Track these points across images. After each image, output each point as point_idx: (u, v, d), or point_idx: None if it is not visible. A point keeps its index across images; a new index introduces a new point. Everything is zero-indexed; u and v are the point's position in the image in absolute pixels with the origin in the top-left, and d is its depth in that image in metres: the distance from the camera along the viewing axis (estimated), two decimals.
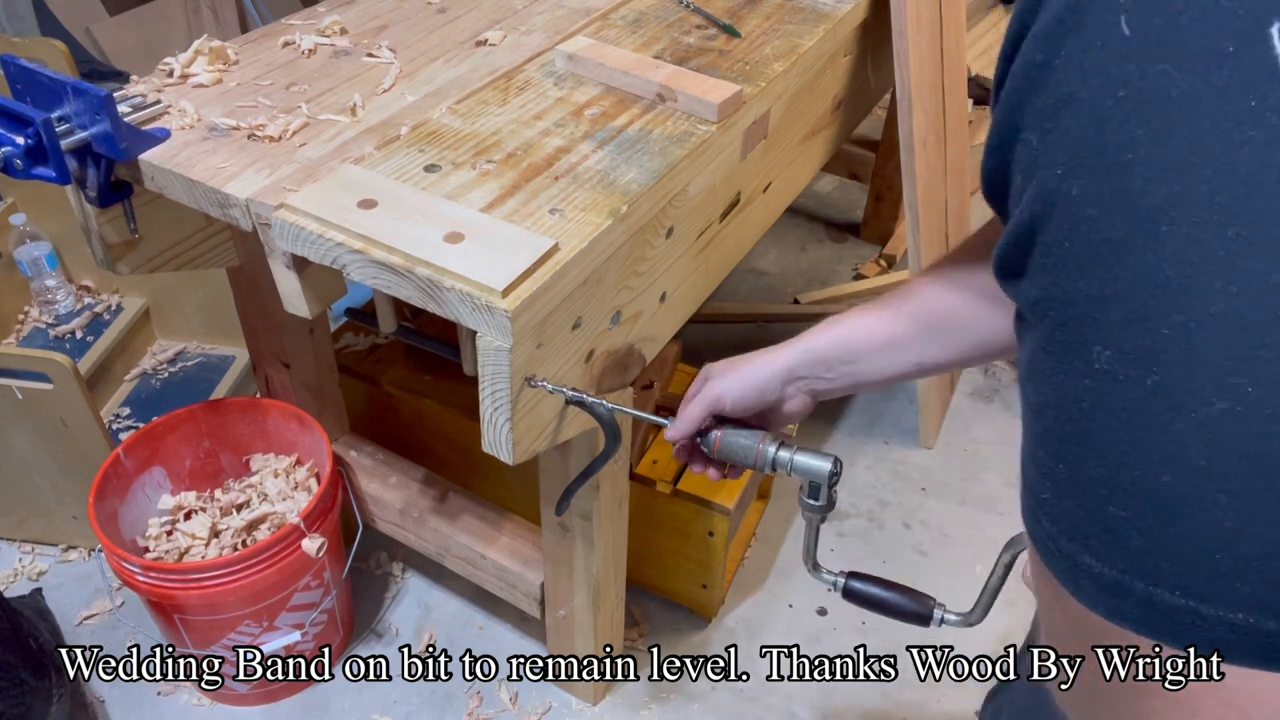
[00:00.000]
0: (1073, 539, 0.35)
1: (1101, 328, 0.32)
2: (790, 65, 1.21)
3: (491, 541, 1.37)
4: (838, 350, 0.75)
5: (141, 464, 1.40)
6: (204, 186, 0.95)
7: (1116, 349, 0.32)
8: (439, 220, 0.88)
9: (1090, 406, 0.33)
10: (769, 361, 0.77)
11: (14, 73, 0.94)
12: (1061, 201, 0.34)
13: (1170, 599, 0.32)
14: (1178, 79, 0.30)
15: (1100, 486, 0.33)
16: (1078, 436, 0.34)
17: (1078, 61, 0.33)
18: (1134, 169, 0.31)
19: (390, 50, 1.19)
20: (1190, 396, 0.30)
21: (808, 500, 0.80)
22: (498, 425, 0.88)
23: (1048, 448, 0.36)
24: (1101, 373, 0.32)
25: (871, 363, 0.75)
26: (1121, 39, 0.32)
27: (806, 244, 2.49)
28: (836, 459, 0.78)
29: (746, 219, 1.29)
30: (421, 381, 1.54)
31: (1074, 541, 0.35)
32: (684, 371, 1.62)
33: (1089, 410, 0.33)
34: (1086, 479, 0.34)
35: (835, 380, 0.76)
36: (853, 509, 1.78)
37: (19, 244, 1.87)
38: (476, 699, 1.46)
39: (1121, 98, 0.31)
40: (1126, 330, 0.32)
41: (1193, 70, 0.30)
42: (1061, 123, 0.34)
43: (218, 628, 1.29)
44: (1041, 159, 0.35)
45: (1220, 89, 0.29)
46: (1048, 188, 0.34)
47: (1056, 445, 0.35)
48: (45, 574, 1.62)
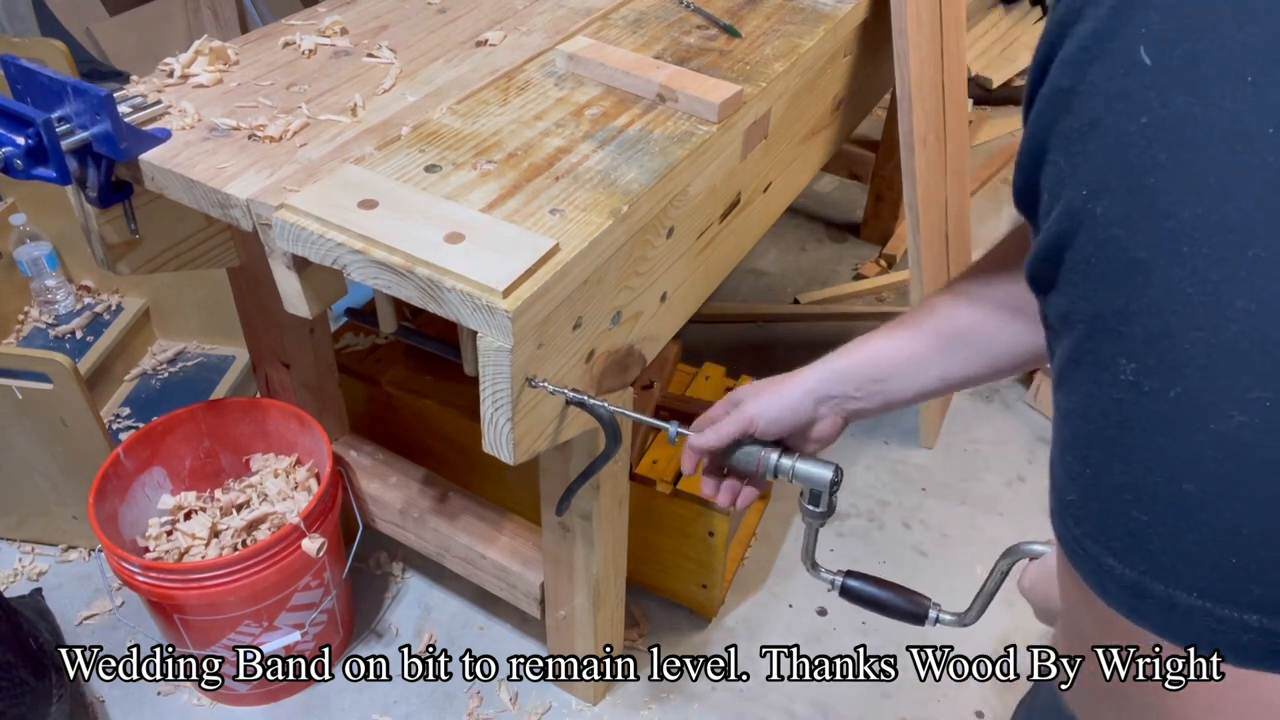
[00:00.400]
0: (1097, 540, 0.36)
1: (1127, 341, 0.34)
2: (790, 65, 1.21)
3: (491, 541, 1.37)
4: (865, 369, 0.77)
5: (141, 464, 1.40)
6: (204, 187, 0.95)
7: (1141, 362, 0.33)
8: (439, 220, 0.88)
9: (1116, 416, 0.35)
10: (800, 381, 0.78)
11: (14, 73, 0.94)
12: (1087, 221, 0.35)
13: (1189, 600, 0.33)
14: (1198, 107, 0.32)
15: (1124, 492, 0.35)
16: (1104, 443, 0.35)
17: (1102, 88, 0.35)
18: (1157, 192, 0.32)
19: (390, 50, 1.19)
20: (1211, 410, 0.32)
21: (808, 506, 0.81)
22: (498, 425, 0.88)
23: (1075, 453, 0.37)
24: (1127, 384, 0.34)
25: (898, 381, 0.76)
26: (1143, 68, 0.33)
27: (806, 244, 2.49)
28: (837, 467, 0.79)
29: (746, 219, 1.29)
30: (421, 381, 1.54)
31: (1098, 543, 0.36)
32: (684, 371, 1.62)
33: (1115, 420, 0.35)
34: (1111, 484, 0.35)
35: (865, 400, 0.78)
36: (853, 509, 1.78)
37: (19, 244, 1.87)
38: (476, 699, 1.46)
39: (1144, 124, 0.33)
40: (1150, 345, 0.33)
41: (1212, 99, 0.31)
42: (1087, 146, 0.35)
43: (218, 628, 1.29)
44: (1068, 179, 0.36)
45: (1239, 116, 0.31)
46: (1074, 207, 0.36)
47: (1084, 451, 0.37)
48: (45, 574, 1.62)
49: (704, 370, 1.62)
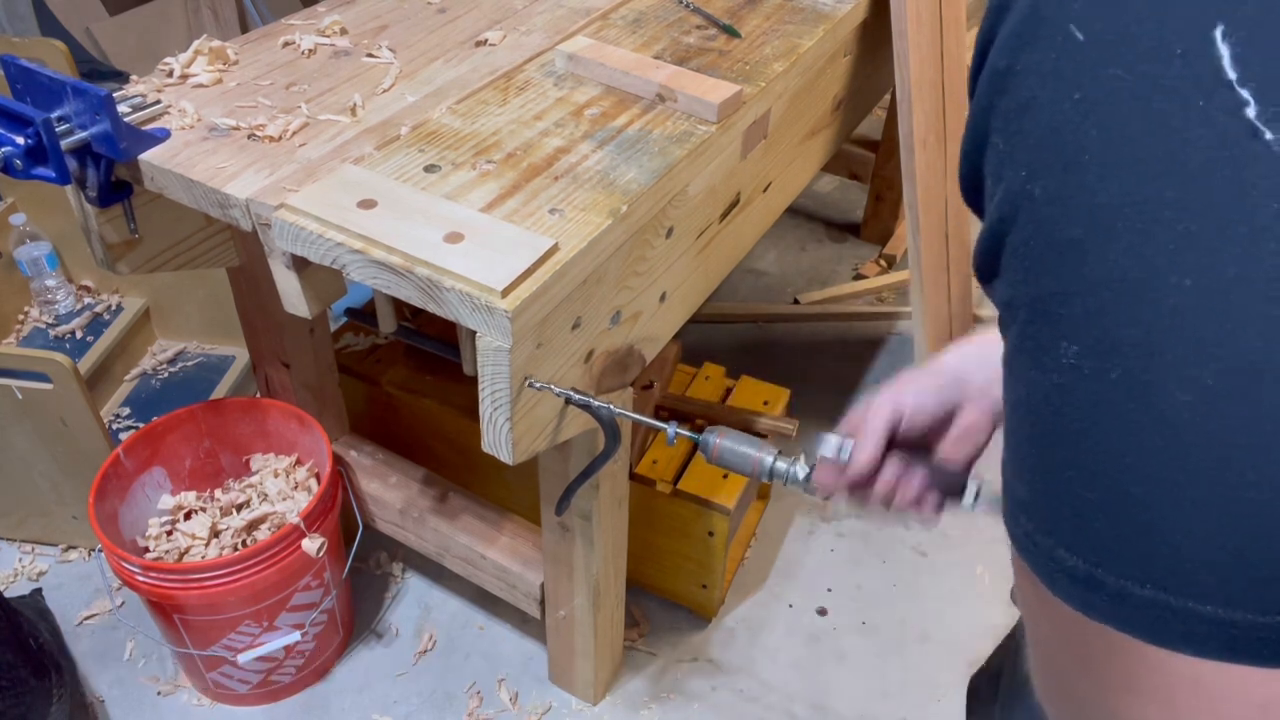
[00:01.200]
0: (1048, 534, 0.36)
1: (1066, 324, 0.33)
2: (790, 65, 1.21)
3: (491, 541, 1.37)
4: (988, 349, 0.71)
5: (141, 464, 1.40)
6: (204, 186, 0.95)
7: (1081, 344, 0.33)
8: (439, 220, 0.88)
9: (1059, 401, 0.34)
10: (933, 363, 0.72)
11: (14, 73, 0.94)
12: (1026, 203, 0.35)
13: (1140, 591, 0.33)
14: (1128, 81, 0.31)
15: (1072, 480, 0.34)
16: (1049, 431, 0.35)
17: (1036, 66, 0.34)
18: (1089, 169, 0.32)
19: (390, 50, 1.19)
20: (1151, 389, 0.31)
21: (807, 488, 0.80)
22: (498, 425, 0.88)
23: (1022, 445, 0.37)
24: (1068, 367, 0.33)
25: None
26: (1076, 44, 0.33)
27: (806, 244, 2.49)
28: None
29: (746, 219, 1.29)
30: (421, 381, 1.54)
31: (1049, 536, 0.36)
32: (684, 371, 1.62)
33: (1058, 405, 0.34)
34: (1058, 472, 0.35)
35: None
36: (853, 509, 1.78)
37: (19, 244, 1.87)
38: (476, 699, 1.46)
39: (1077, 100, 0.33)
40: (1089, 325, 0.33)
41: (1142, 72, 0.31)
42: (1024, 126, 0.35)
43: (218, 628, 1.29)
44: (1008, 161, 0.36)
45: (1169, 90, 0.31)
46: (1013, 189, 0.35)
47: (1030, 441, 0.36)
48: (45, 574, 1.62)
49: (704, 370, 1.62)
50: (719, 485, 1.43)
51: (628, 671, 1.51)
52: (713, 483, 1.44)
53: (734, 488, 1.43)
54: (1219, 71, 0.30)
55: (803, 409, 1.70)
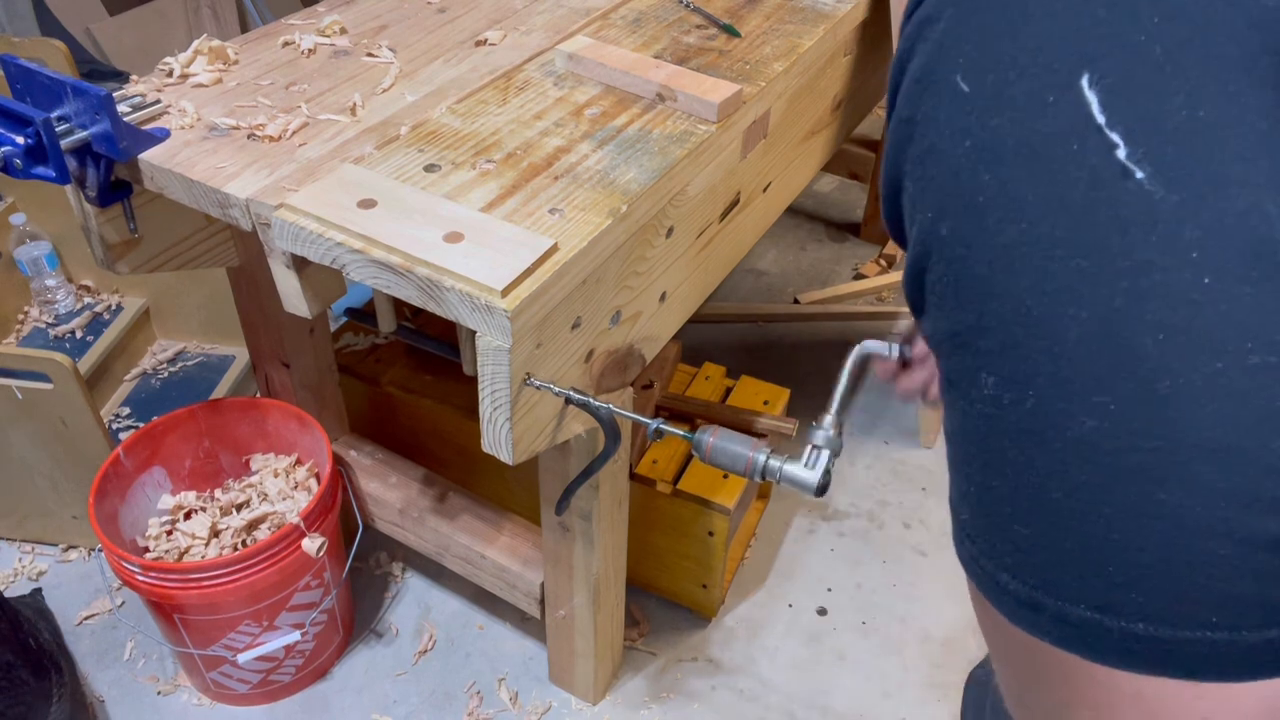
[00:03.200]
0: (991, 558, 0.37)
1: (984, 356, 0.35)
2: (790, 65, 1.21)
3: (491, 541, 1.37)
4: None
5: (141, 464, 1.40)
6: (204, 186, 0.95)
7: (998, 375, 0.35)
8: (439, 220, 0.88)
9: (984, 430, 0.36)
10: None
11: (14, 73, 0.94)
12: (936, 242, 0.37)
13: (1078, 612, 0.34)
14: (1010, 129, 0.34)
15: (1004, 505, 0.36)
16: (980, 459, 0.37)
17: (933, 115, 0.37)
18: (987, 211, 0.34)
19: (390, 50, 1.19)
20: (1063, 416, 0.33)
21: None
22: (497, 425, 0.88)
23: (961, 472, 0.39)
24: (990, 398, 0.35)
25: None
26: (962, 95, 0.35)
27: (806, 244, 2.49)
28: (826, 470, 0.78)
29: (746, 219, 1.29)
30: (421, 381, 1.54)
31: (992, 560, 0.37)
32: (684, 371, 1.62)
33: (984, 434, 0.36)
34: (992, 499, 0.36)
35: None
36: (853, 509, 1.78)
37: (19, 244, 1.87)
38: (476, 699, 1.46)
39: (969, 147, 0.35)
40: (1003, 358, 0.34)
41: (1021, 121, 0.33)
42: (928, 171, 0.37)
43: (218, 627, 1.29)
44: (918, 203, 0.38)
45: (1047, 136, 0.33)
46: (925, 229, 0.38)
47: (966, 469, 0.38)
48: (45, 574, 1.62)
49: (704, 370, 1.62)
50: (719, 485, 1.43)
51: (628, 671, 1.51)
52: (713, 483, 1.44)
53: (734, 488, 1.43)
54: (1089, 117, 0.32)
55: (802, 409, 1.70)
